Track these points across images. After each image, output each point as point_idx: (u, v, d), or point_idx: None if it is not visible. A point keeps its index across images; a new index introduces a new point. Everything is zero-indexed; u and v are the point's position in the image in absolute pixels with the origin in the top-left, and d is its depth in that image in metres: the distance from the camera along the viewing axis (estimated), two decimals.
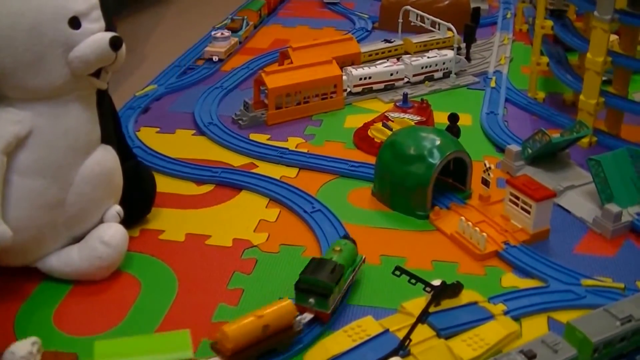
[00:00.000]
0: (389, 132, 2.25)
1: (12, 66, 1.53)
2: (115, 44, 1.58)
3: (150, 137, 2.33)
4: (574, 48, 2.48)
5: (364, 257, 1.72)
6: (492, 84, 2.76)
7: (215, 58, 2.97)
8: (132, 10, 3.53)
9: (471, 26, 3.01)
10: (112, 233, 1.68)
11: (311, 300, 1.55)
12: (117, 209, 1.73)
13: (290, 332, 1.50)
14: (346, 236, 1.77)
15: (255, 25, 3.42)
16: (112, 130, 1.77)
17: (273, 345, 1.48)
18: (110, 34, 1.59)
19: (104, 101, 1.71)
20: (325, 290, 1.55)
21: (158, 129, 2.40)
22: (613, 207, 1.88)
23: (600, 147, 2.28)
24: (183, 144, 2.31)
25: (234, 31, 3.21)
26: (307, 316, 1.55)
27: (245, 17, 3.33)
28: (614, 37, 2.58)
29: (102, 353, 1.36)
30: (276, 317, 1.46)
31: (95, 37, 1.57)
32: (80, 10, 1.56)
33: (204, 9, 3.78)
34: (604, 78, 2.29)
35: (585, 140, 2.29)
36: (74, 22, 1.55)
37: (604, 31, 2.19)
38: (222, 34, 3.07)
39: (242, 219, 1.94)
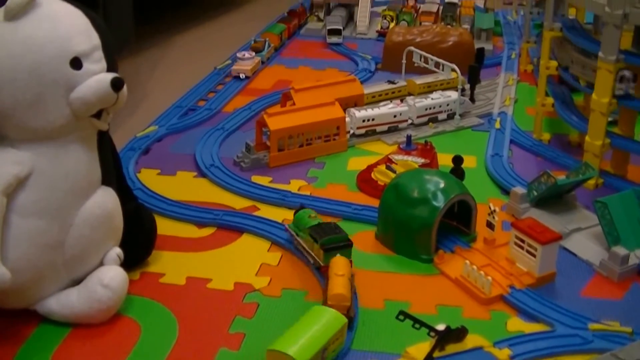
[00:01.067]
0: (393, 175, 2.26)
1: (13, 106, 1.54)
2: (116, 85, 1.59)
3: (151, 179, 2.34)
4: (579, 89, 2.50)
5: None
6: (497, 126, 2.77)
7: (242, 75, 3.29)
8: (133, 50, 3.56)
9: (475, 67, 3.02)
10: (112, 276, 1.68)
11: None
12: (117, 251, 1.74)
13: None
14: (302, 205, 2.08)
15: (276, 48, 3.72)
16: (112, 171, 1.78)
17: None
18: (111, 75, 1.60)
19: (104, 142, 1.72)
20: (346, 240, 1.90)
21: (159, 171, 2.41)
22: (620, 250, 1.89)
23: (607, 189, 2.29)
24: (184, 186, 2.32)
25: (258, 51, 3.51)
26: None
27: (267, 39, 3.65)
28: None
29: None
30: (334, 337, 1.58)
31: (96, 78, 1.58)
32: (82, 51, 1.57)
33: (205, 49, 3.80)
34: (609, 119, 2.30)
35: (592, 182, 2.30)
36: (76, 63, 1.56)
37: (609, 72, 2.21)
38: (246, 54, 3.38)
39: (243, 262, 1.95)
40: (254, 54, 3.43)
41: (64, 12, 1.60)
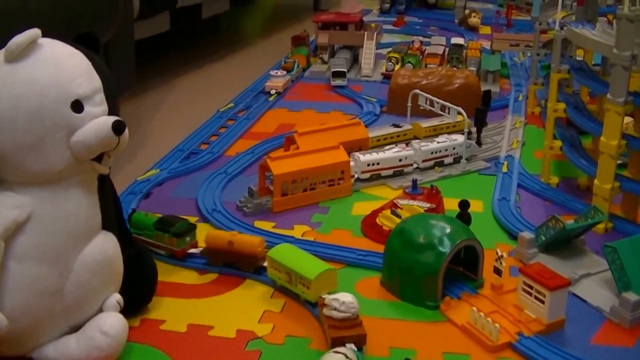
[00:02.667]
0: (398, 220, 2.26)
1: (12, 149, 1.55)
2: (118, 128, 1.60)
3: None
4: (587, 131, 2.51)
5: None
6: (504, 169, 2.78)
7: (273, 91, 3.71)
8: (135, 92, 3.58)
9: (482, 109, 3.04)
10: (111, 322, 1.68)
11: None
12: (117, 297, 1.74)
13: (253, 259, 2.07)
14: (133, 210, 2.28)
15: (304, 68, 4.18)
16: (113, 216, 1.79)
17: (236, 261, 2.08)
18: (113, 118, 1.61)
19: (105, 186, 1.73)
20: (191, 225, 2.18)
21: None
22: (631, 296, 1.88)
23: (617, 233, 2.29)
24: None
25: (288, 71, 3.96)
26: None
27: (296, 60, 4.09)
28: (628, 119, 2.61)
29: None
30: (242, 241, 2.08)
31: (97, 121, 1.60)
32: (84, 94, 1.59)
33: (207, 91, 3.83)
34: (619, 162, 2.31)
35: (601, 227, 2.30)
36: (77, 106, 1.58)
37: (618, 114, 2.22)
38: (279, 72, 3.88)
39: (246, 309, 1.95)
40: (285, 72, 3.91)
41: (66, 54, 1.62)
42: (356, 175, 2.67)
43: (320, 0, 6.51)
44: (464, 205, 2.28)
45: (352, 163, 2.64)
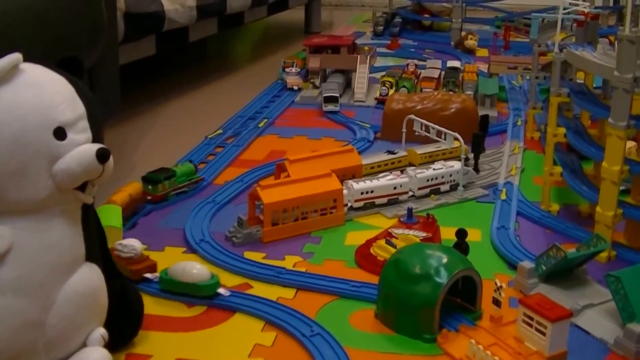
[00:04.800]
0: (393, 250, 2.26)
1: None
2: (102, 156, 1.61)
3: None
4: (588, 156, 2.51)
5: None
6: (503, 197, 2.79)
7: (295, 87, 4.34)
8: (120, 119, 3.59)
9: (479, 135, 3.05)
10: (95, 358, 1.67)
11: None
12: (101, 331, 1.73)
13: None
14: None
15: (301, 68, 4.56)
16: (97, 247, 1.78)
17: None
18: (97, 146, 1.61)
19: (89, 216, 1.73)
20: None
21: (146, 246, 2.40)
22: (636, 327, 1.88)
23: (620, 262, 2.30)
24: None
25: (302, 68, 4.52)
26: None
27: (295, 61, 4.53)
28: (631, 143, 2.62)
29: None
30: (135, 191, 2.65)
31: (81, 149, 1.60)
32: (66, 121, 1.59)
33: (195, 118, 3.84)
34: (621, 188, 2.32)
35: (604, 255, 2.31)
36: (60, 133, 1.58)
37: (620, 138, 2.23)
38: (293, 69, 4.47)
39: (236, 343, 1.94)
40: (299, 69, 4.51)
41: (48, 79, 1.62)
42: (349, 204, 2.67)
43: (311, 22, 6.55)
44: (461, 234, 2.28)
45: (345, 191, 2.65)
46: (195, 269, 2.14)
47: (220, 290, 2.12)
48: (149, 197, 2.73)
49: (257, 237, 2.46)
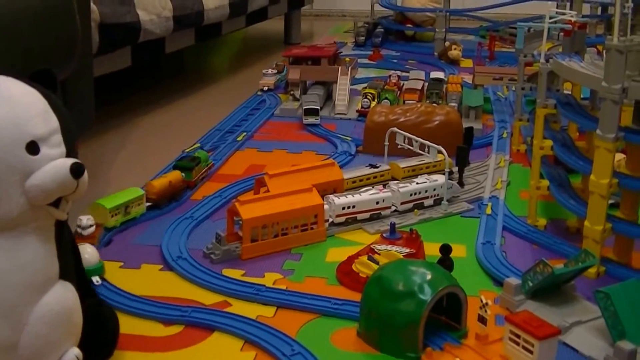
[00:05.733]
0: (376, 267, 2.27)
1: None
2: (76, 171, 1.60)
3: (112, 273, 2.35)
4: (576, 170, 2.52)
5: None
6: (488, 211, 2.80)
7: (265, 88, 4.62)
8: (95, 133, 3.59)
9: (464, 148, 3.06)
10: None
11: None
12: (75, 352, 1.72)
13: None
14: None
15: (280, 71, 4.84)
16: (71, 265, 1.78)
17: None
18: (71, 161, 1.61)
19: (63, 233, 1.73)
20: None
21: (121, 264, 2.41)
22: (626, 345, 1.88)
23: (609, 278, 2.30)
24: (149, 280, 2.32)
25: (279, 72, 4.82)
26: None
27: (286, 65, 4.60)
28: (620, 156, 2.63)
29: None
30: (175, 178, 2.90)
31: (55, 163, 1.59)
32: (40, 135, 1.59)
33: (171, 132, 3.85)
34: (610, 202, 2.33)
35: (592, 271, 2.32)
36: (32, 148, 1.57)
37: (608, 151, 2.24)
38: (270, 71, 4.77)
39: None
40: (276, 71, 4.79)
41: (21, 92, 1.62)
42: (330, 220, 2.68)
43: (291, 33, 6.57)
44: (445, 250, 2.29)
45: (326, 206, 2.65)
46: (87, 254, 2.26)
47: (93, 279, 2.23)
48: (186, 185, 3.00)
49: (236, 253, 2.46)
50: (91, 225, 2.47)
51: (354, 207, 2.70)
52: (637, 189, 2.36)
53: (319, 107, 3.91)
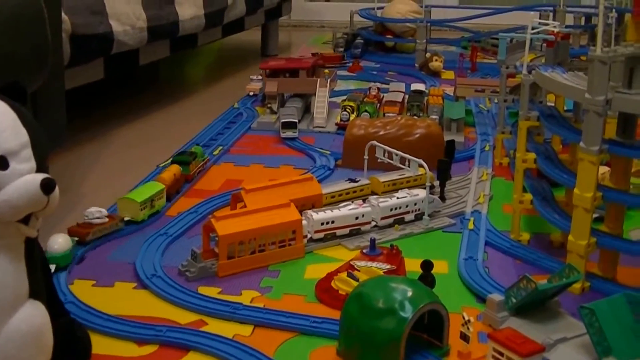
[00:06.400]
0: (355, 283, 2.26)
1: None
2: (47, 186, 1.60)
3: (85, 291, 2.34)
4: (560, 183, 2.53)
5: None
6: (470, 226, 2.81)
7: (251, 93, 4.76)
8: (66, 147, 3.57)
9: (445, 161, 3.07)
10: None
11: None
12: None
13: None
14: None
15: None
16: (42, 283, 1.77)
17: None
18: (41, 176, 1.61)
19: (33, 251, 1.72)
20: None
21: (94, 282, 2.41)
22: None
23: (594, 294, 2.31)
24: (122, 299, 2.32)
25: None
26: None
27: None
28: (604, 169, 2.64)
29: None
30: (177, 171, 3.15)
31: (24, 179, 1.59)
32: (9, 149, 1.58)
33: (146, 146, 3.84)
34: (595, 215, 2.33)
35: (577, 286, 2.32)
36: (2, 162, 1.57)
37: (592, 163, 2.25)
38: (258, 77, 4.79)
39: None
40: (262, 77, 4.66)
41: None
42: (309, 235, 2.68)
43: (268, 44, 6.57)
44: (427, 266, 2.29)
45: (304, 222, 2.65)
46: (57, 243, 2.45)
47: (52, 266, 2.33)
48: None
49: (212, 271, 2.46)
50: (99, 217, 2.66)
51: (333, 222, 2.70)
52: (622, 202, 2.37)
53: (297, 120, 3.91)
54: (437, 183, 3.06)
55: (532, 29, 2.80)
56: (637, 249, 2.35)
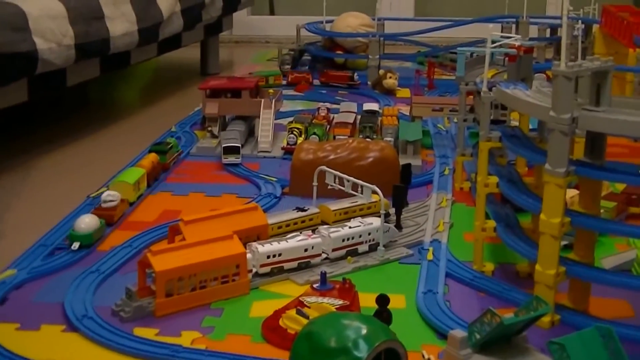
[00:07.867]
0: (305, 321, 2.26)
1: None
2: None
3: (7, 336, 2.31)
4: (525, 208, 2.54)
5: None
6: (429, 257, 2.81)
7: None
8: None
9: (401, 187, 3.07)
10: None
11: None
12: None
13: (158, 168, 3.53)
14: None
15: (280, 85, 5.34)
16: None
17: None
18: None
19: None
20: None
21: (18, 325, 2.38)
22: None
23: (565, 327, 2.32)
24: (50, 343, 2.29)
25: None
26: None
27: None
28: (573, 192, 2.65)
29: None
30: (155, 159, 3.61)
31: None
32: None
33: (75, 174, 3.82)
34: (563, 243, 2.34)
35: (546, 320, 2.33)
36: None
37: (559, 187, 2.26)
38: None
39: None
40: None
41: None
42: (254, 270, 2.67)
43: (208, 62, 6.55)
44: (382, 300, 2.29)
45: (249, 255, 2.64)
46: (84, 223, 2.92)
47: (74, 244, 2.86)
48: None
49: (149, 310, 2.44)
50: (112, 201, 3.12)
51: (280, 255, 2.69)
52: (592, 227, 2.38)
53: (239, 145, 3.90)
54: (392, 211, 3.06)
55: (493, 42, 2.81)
56: (609, 279, 2.36)
